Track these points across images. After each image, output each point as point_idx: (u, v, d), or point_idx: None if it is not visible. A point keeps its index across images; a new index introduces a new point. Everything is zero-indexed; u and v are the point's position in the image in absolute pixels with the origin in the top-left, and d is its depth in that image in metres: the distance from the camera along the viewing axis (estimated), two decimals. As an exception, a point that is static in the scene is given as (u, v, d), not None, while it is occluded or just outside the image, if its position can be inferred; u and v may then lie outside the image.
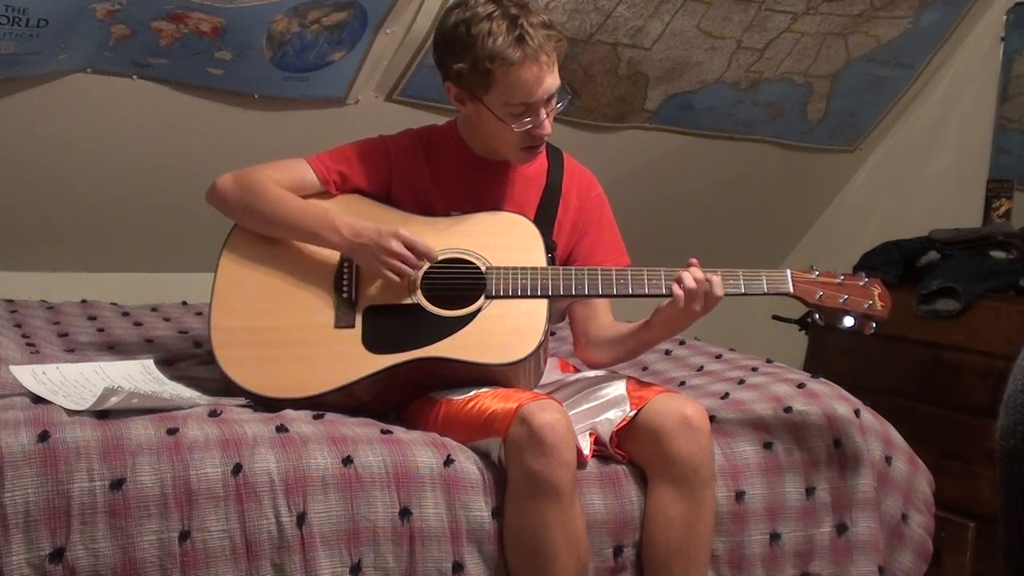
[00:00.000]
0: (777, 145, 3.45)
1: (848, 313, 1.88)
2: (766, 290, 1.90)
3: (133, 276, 2.99)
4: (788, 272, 1.91)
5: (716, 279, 1.85)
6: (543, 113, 1.92)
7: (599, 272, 1.91)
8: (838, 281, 1.91)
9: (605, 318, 2.08)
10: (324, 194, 2.00)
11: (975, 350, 2.70)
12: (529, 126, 1.91)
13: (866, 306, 1.88)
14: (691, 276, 1.84)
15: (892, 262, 2.92)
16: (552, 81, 1.89)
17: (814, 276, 1.91)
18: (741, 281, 1.89)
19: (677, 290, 1.84)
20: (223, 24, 2.40)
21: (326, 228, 1.91)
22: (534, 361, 1.88)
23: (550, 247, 1.98)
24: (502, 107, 1.89)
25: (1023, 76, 3.16)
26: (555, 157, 2.11)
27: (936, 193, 3.40)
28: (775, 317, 3.32)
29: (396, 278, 1.87)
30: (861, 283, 1.92)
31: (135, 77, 2.52)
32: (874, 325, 1.89)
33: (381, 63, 2.69)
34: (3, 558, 1.49)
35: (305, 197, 1.98)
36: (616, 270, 1.92)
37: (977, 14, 3.22)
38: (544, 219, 2.01)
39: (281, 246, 1.96)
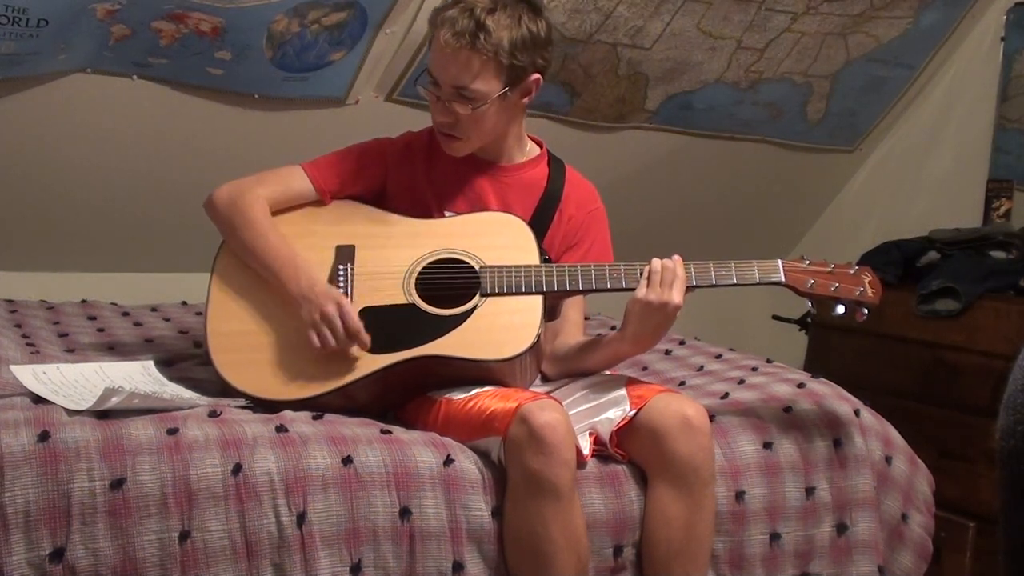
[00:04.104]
0: (777, 145, 3.45)
1: (839, 301, 1.89)
2: (758, 279, 1.90)
3: (133, 276, 2.99)
4: (779, 262, 1.92)
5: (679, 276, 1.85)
6: (441, 96, 1.93)
7: (592, 268, 1.91)
8: (828, 270, 1.92)
9: (573, 330, 2.07)
10: (318, 202, 2.02)
11: (975, 350, 2.70)
12: (431, 102, 1.96)
13: (857, 293, 1.89)
14: (657, 261, 1.85)
15: (892, 262, 2.92)
16: (457, 74, 1.89)
17: (805, 265, 1.92)
18: (733, 271, 1.90)
19: (646, 270, 1.86)
20: (223, 24, 2.40)
21: (288, 274, 1.89)
22: (530, 357, 1.88)
23: (542, 252, 1.98)
24: (425, 70, 1.95)
25: (1023, 76, 3.16)
26: (557, 167, 2.11)
27: (936, 193, 3.40)
28: (775, 317, 3.33)
29: (316, 343, 1.83)
30: (851, 271, 1.93)
31: (135, 77, 2.51)
32: (866, 312, 1.90)
33: (381, 63, 2.69)
34: (3, 558, 1.49)
35: (299, 206, 2.00)
36: (609, 265, 1.92)
37: (977, 14, 3.22)
38: (538, 226, 2.01)
39: None
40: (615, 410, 1.85)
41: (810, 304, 1.94)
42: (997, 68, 3.20)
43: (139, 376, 1.89)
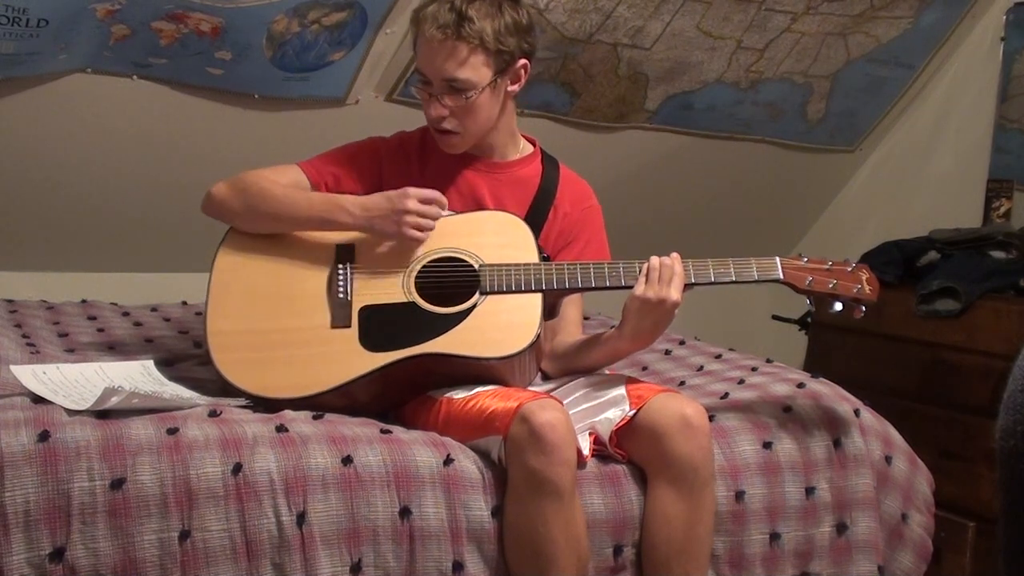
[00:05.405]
0: (777, 145, 3.45)
1: (837, 298, 1.90)
2: (756, 277, 1.91)
3: (133, 276, 2.99)
4: (777, 259, 1.92)
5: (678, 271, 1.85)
6: (433, 92, 1.94)
7: (591, 266, 1.92)
8: (826, 267, 1.93)
9: (572, 329, 2.07)
10: None
11: (975, 350, 2.70)
12: (423, 100, 1.97)
13: (855, 290, 1.90)
14: (656, 259, 1.86)
15: (892, 262, 2.92)
16: (445, 65, 1.90)
17: (803, 263, 1.93)
18: (731, 269, 1.90)
19: (645, 267, 1.86)
20: (223, 24, 2.40)
21: (336, 210, 1.93)
22: (530, 355, 1.88)
23: (540, 250, 1.98)
24: (414, 68, 1.97)
25: (1023, 76, 3.16)
26: (550, 164, 2.12)
27: (936, 193, 3.40)
28: (775, 317, 3.33)
29: (419, 235, 1.89)
30: (849, 269, 1.95)
31: (135, 77, 2.52)
32: (863, 309, 1.91)
33: (381, 63, 2.69)
34: (3, 558, 1.49)
35: None
36: (608, 264, 1.92)
37: (977, 14, 3.22)
38: (533, 223, 2.01)
39: (275, 248, 1.97)
40: (615, 410, 1.85)
41: (808, 301, 1.94)
42: (997, 68, 3.20)
43: (139, 376, 1.89)
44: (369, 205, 1.92)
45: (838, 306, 1.91)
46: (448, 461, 1.74)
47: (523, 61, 1.98)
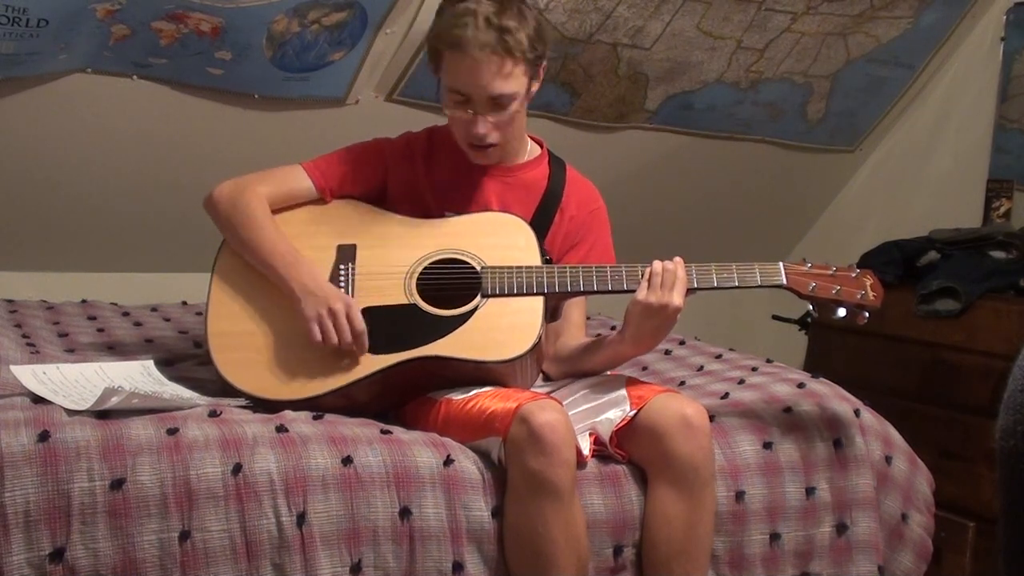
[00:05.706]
0: (777, 145, 3.45)
1: (841, 304, 1.89)
2: (760, 282, 1.91)
3: (133, 276, 2.99)
4: (781, 264, 1.92)
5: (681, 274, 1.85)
6: (476, 110, 1.91)
7: (593, 269, 1.92)
8: (830, 273, 1.93)
9: (575, 331, 2.07)
10: (319, 202, 2.01)
11: (975, 350, 2.70)
12: (462, 119, 1.93)
13: (859, 296, 1.90)
14: (659, 263, 1.85)
15: (892, 262, 2.92)
16: (493, 83, 1.87)
17: (807, 268, 1.93)
18: (734, 274, 1.90)
19: (647, 272, 1.85)
20: (223, 24, 2.40)
21: (290, 274, 1.89)
22: (531, 358, 1.88)
23: (543, 252, 1.98)
24: (447, 91, 1.92)
25: (1023, 76, 3.16)
26: (557, 166, 2.11)
27: (936, 193, 3.40)
28: (775, 317, 3.32)
29: (319, 337, 1.84)
30: (853, 275, 1.94)
31: (135, 77, 2.52)
32: (867, 315, 1.91)
33: (381, 63, 2.69)
34: (3, 558, 1.49)
35: (300, 205, 2.00)
36: (610, 267, 1.92)
37: (977, 14, 3.23)
38: (539, 226, 2.01)
39: None
40: (615, 410, 1.85)
41: (811, 306, 1.94)
42: (997, 68, 3.20)
43: (139, 376, 1.89)
44: (315, 283, 1.87)
45: (841, 312, 1.90)
46: (448, 461, 1.74)
47: (544, 62, 1.98)
